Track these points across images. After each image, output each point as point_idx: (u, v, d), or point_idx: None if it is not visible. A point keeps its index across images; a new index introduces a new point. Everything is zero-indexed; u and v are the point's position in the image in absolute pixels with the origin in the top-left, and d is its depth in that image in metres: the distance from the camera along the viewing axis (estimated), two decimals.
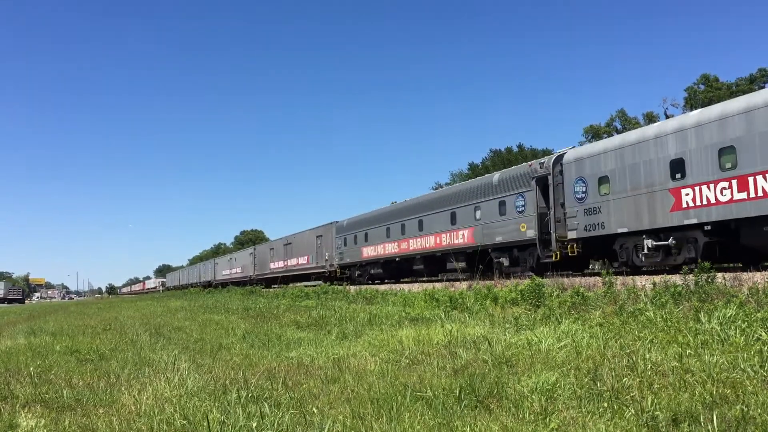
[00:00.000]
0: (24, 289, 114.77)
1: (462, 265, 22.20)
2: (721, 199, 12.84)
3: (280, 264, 43.08)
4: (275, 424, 4.75)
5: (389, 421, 4.69)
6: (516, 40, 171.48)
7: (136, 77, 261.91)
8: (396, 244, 27.21)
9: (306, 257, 38.13)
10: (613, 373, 5.63)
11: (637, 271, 15.68)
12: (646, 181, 14.76)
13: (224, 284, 58.73)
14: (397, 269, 28.29)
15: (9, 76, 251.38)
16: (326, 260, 34.36)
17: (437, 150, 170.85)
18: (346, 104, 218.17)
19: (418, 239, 25.53)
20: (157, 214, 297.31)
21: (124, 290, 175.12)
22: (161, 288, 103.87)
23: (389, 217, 28.53)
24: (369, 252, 29.66)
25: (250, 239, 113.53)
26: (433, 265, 25.36)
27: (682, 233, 13.94)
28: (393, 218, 27.98)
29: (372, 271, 29.71)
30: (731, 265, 15.03)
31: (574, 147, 18.69)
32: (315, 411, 5.08)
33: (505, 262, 19.94)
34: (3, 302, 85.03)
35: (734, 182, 12.59)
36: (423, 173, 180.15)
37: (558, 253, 17.48)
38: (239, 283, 53.85)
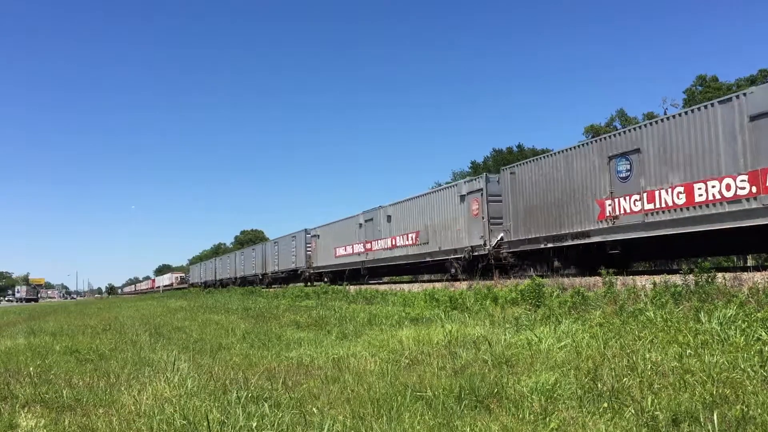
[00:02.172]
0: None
1: None
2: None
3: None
4: (275, 424, 4.75)
5: (389, 421, 4.69)
6: (516, 39, 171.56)
7: (135, 77, 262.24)
8: None
9: None
10: (613, 373, 5.63)
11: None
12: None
13: (358, 273, 29.33)
14: None
15: (8, 76, 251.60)
16: None
17: (438, 149, 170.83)
18: (346, 103, 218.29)
19: None
20: (157, 214, 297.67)
21: (127, 289, 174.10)
22: (162, 288, 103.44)
23: None
24: None
25: (250, 239, 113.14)
26: None
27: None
28: None
29: None
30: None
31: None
32: (315, 411, 5.08)
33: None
34: (24, 301, 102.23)
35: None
36: (423, 172, 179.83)
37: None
38: (404, 268, 26.50)
